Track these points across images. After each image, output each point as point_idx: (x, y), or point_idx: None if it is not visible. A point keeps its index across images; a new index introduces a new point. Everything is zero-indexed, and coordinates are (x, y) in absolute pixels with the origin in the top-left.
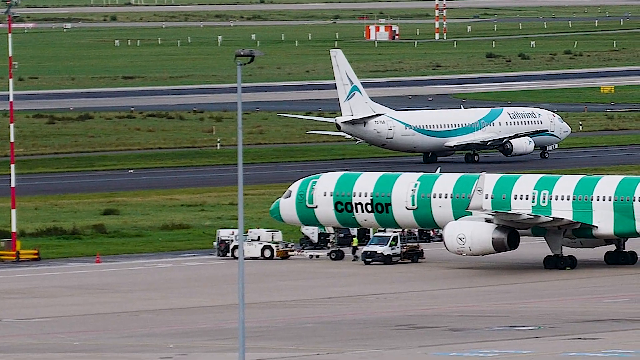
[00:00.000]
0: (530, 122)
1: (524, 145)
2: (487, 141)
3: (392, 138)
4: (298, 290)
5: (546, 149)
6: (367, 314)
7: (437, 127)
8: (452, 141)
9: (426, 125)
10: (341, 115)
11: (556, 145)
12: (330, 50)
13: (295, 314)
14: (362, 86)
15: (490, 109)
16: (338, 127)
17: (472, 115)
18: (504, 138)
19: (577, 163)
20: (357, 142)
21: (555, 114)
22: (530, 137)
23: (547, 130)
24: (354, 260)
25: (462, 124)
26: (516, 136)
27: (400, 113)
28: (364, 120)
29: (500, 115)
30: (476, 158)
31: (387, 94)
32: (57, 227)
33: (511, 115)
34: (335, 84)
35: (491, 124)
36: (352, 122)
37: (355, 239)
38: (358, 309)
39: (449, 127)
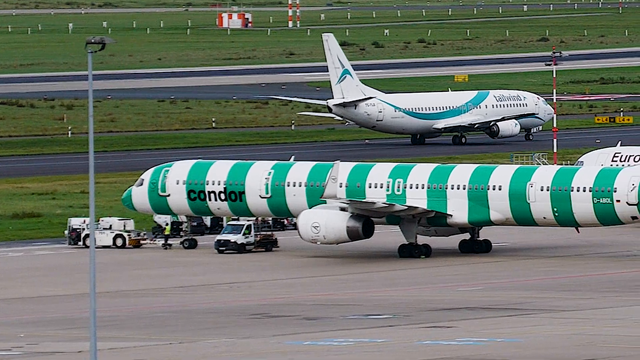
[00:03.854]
0: (515, 105)
1: (510, 127)
2: (475, 124)
3: (381, 120)
4: (151, 279)
5: (530, 131)
6: (221, 303)
7: (426, 110)
8: (440, 123)
9: (415, 108)
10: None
11: (540, 128)
12: (322, 34)
13: (148, 303)
14: (353, 69)
15: (477, 91)
16: (329, 110)
17: (460, 98)
18: (491, 121)
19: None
20: (347, 124)
21: (539, 97)
22: (516, 119)
23: (534, 114)
24: (165, 248)
25: (449, 107)
26: (503, 119)
27: (389, 96)
28: (355, 103)
29: (487, 98)
30: (463, 140)
31: (240, 82)
32: None
33: (497, 98)
34: (189, 71)
35: (478, 106)
36: (344, 105)
37: (167, 228)
38: (212, 298)
39: (437, 109)
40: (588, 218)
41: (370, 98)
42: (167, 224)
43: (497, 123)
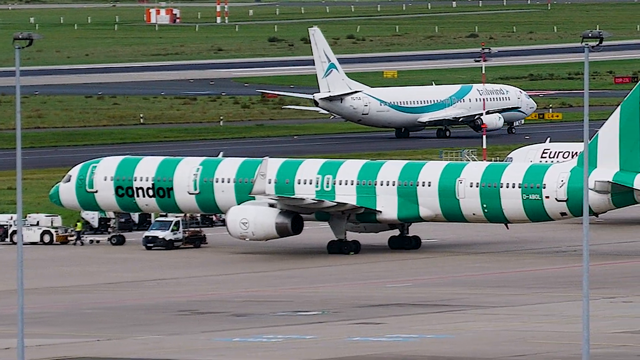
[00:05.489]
0: (498, 99)
1: (494, 121)
2: (459, 117)
3: (367, 114)
4: (79, 275)
5: (513, 124)
6: (149, 300)
7: (410, 104)
8: (425, 117)
9: (400, 102)
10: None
11: (522, 121)
12: (309, 28)
13: (76, 300)
14: (339, 63)
15: (460, 85)
16: (316, 104)
17: (444, 91)
18: (475, 114)
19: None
20: (331, 117)
21: (522, 91)
22: (500, 113)
23: (518, 107)
24: (74, 244)
25: (434, 100)
26: (488, 112)
27: (375, 90)
28: (341, 97)
29: (470, 91)
30: (447, 133)
31: (168, 77)
32: None
33: (480, 91)
34: (116, 67)
35: (462, 100)
36: (330, 99)
37: (79, 224)
38: (140, 294)
39: (421, 103)
40: (517, 214)
41: (357, 92)
42: (78, 221)
43: (480, 117)
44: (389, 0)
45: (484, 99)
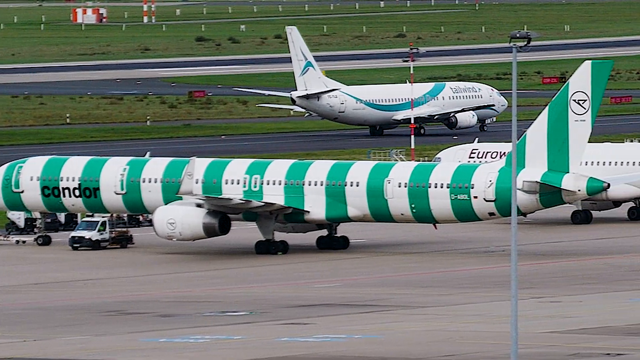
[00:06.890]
0: (471, 97)
1: (468, 118)
2: (434, 115)
3: (343, 112)
4: (5, 276)
5: (485, 121)
6: (76, 300)
7: (386, 102)
8: (400, 115)
9: (375, 100)
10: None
11: (494, 119)
12: (286, 27)
13: (3, 300)
14: (315, 62)
15: (434, 83)
16: (293, 102)
17: (418, 89)
18: (450, 112)
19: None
20: (306, 115)
21: (493, 89)
22: (474, 110)
23: (493, 105)
24: None
25: (408, 98)
26: (463, 110)
27: (351, 88)
28: (317, 95)
29: (444, 89)
30: (422, 131)
31: (94, 77)
32: None
33: (453, 89)
34: (43, 66)
35: (435, 98)
36: (307, 97)
37: None
38: (67, 295)
39: (396, 101)
40: (445, 214)
41: (333, 90)
42: None
43: (455, 114)
44: (316, 0)
45: (411, 100)
